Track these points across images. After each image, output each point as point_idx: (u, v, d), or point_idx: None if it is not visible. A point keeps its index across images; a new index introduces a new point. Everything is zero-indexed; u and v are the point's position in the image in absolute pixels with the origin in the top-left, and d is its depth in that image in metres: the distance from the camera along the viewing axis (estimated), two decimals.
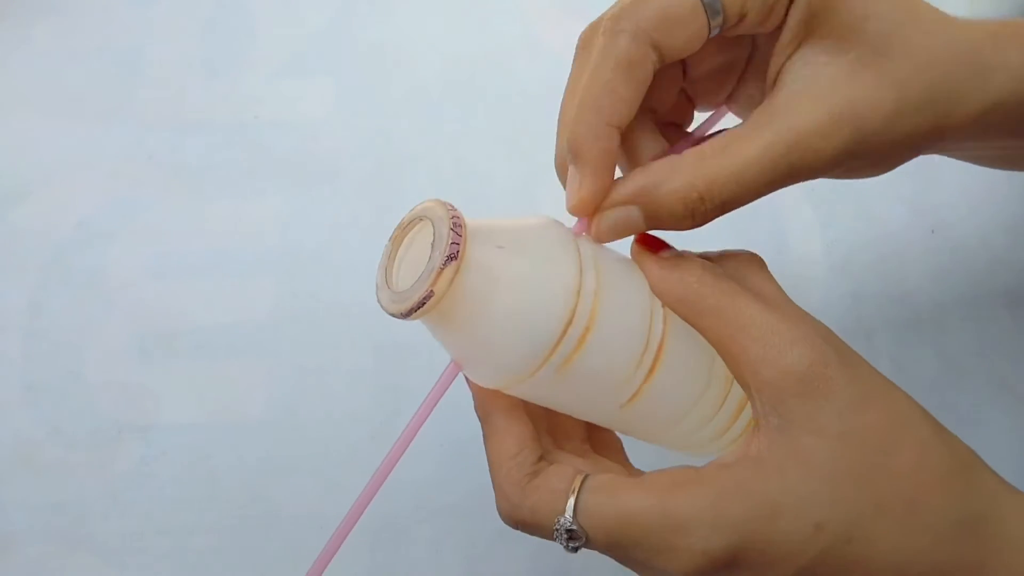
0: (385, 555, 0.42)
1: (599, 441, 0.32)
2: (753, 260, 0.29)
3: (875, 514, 0.24)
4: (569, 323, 0.26)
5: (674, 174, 0.27)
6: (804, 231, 0.48)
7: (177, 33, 0.54)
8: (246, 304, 0.46)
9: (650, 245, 0.29)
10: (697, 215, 0.27)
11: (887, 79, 0.27)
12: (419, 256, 0.26)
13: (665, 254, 0.28)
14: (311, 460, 0.44)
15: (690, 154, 0.27)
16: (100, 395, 0.45)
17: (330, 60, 0.53)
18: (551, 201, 0.48)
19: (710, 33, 0.27)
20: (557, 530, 0.26)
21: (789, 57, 0.28)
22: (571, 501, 0.26)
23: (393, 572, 0.42)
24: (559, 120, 0.30)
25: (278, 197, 0.49)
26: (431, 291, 0.25)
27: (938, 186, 0.49)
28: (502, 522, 0.29)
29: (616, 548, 0.26)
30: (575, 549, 0.27)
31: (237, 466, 0.43)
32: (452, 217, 0.26)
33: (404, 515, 0.42)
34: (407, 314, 0.26)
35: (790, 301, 0.28)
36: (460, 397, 0.45)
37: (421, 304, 0.25)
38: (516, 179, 0.49)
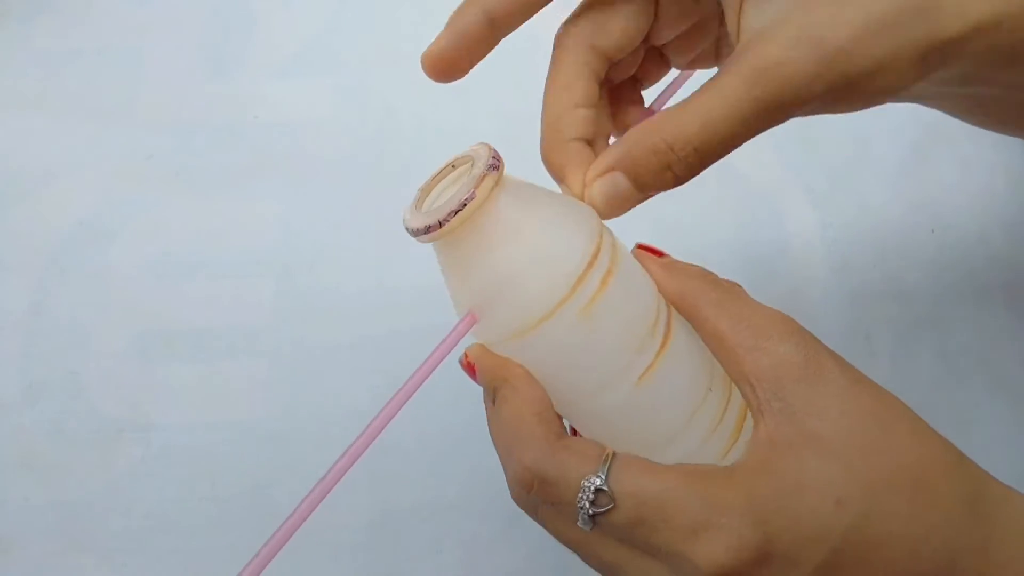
0: (385, 554, 0.42)
1: None
2: (734, 282, 0.30)
3: (887, 490, 0.25)
4: (595, 257, 0.27)
5: (644, 132, 0.28)
6: (804, 231, 0.48)
7: (177, 33, 0.54)
8: (246, 304, 0.46)
9: (650, 251, 0.30)
10: (674, 166, 0.28)
11: None
12: (451, 196, 0.27)
13: (665, 260, 0.30)
14: (311, 460, 0.44)
15: (664, 112, 0.28)
16: (100, 395, 0.45)
17: (330, 60, 0.53)
18: None
19: (649, 21, 0.28)
20: (584, 490, 0.25)
21: (743, 3, 0.28)
22: (604, 467, 0.25)
23: (393, 572, 0.42)
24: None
25: (278, 197, 0.49)
26: (473, 193, 0.25)
27: (938, 186, 0.49)
28: (501, 520, 0.28)
29: (641, 525, 0.25)
30: (592, 518, 0.25)
31: (237, 466, 0.43)
32: (491, 148, 0.27)
33: (404, 514, 0.42)
34: (445, 219, 0.26)
35: (773, 308, 0.29)
36: (460, 396, 0.45)
37: (462, 207, 0.25)
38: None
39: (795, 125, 0.43)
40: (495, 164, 0.27)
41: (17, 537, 0.42)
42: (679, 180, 0.28)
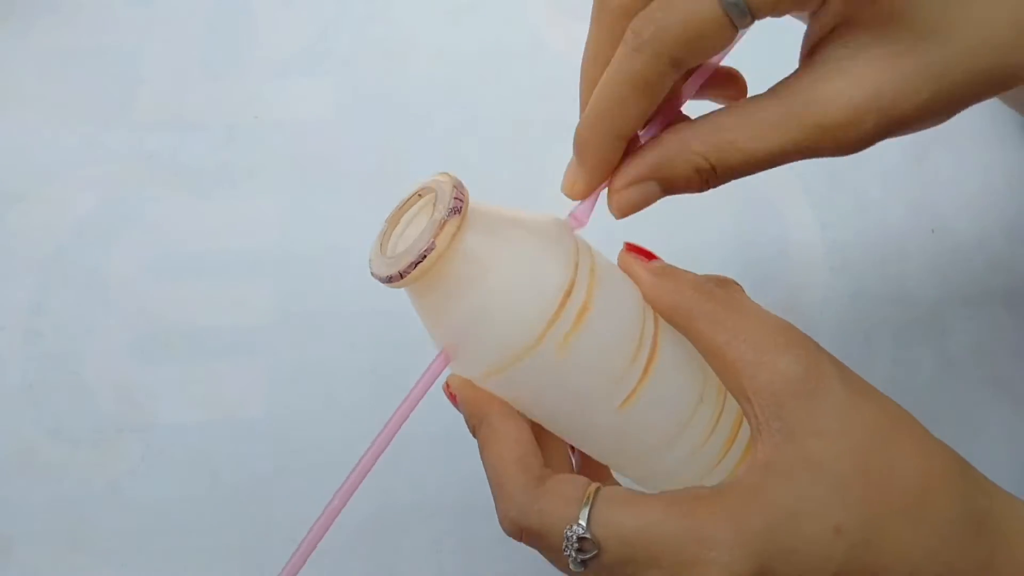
0: (385, 555, 0.42)
1: (591, 473, 0.31)
2: (731, 282, 0.29)
3: (887, 512, 0.24)
4: (568, 293, 0.26)
5: (685, 146, 0.27)
6: (804, 231, 0.48)
7: (177, 33, 0.54)
8: (246, 304, 0.46)
9: (639, 253, 0.29)
10: (710, 182, 0.27)
11: (925, 67, 0.25)
12: (416, 231, 0.26)
13: (655, 264, 0.29)
14: (311, 460, 0.44)
15: (703, 123, 0.27)
16: (100, 395, 0.45)
17: (330, 60, 0.53)
18: (552, 202, 0.48)
19: (736, 37, 0.26)
20: (568, 539, 0.25)
21: (826, 35, 0.27)
22: (586, 509, 0.25)
23: (393, 572, 0.42)
24: (580, 87, 0.30)
25: (278, 197, 0.49)
26: (433, 243, 0.24)
27: (938, 186, 0.49)
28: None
29: (630, 564, 0.24)
30: (583, 564, 0.25)
31: (237, 466, 0.43)
32: (454, 182, 0.26)
33: (404, 515, 0.42)
34: (406, 271, 0.25)
35: (773, 314, 0.28)
36: None
37: (421, 259, 0.24)
38: (517, 179, 0.49)
39: None
40: (457, 207, 0.25)
41: (17, 537, 0.42)
42: (703, 190, 0.28)
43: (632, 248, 0.29)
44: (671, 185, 0.28)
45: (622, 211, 0.28)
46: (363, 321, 0.46)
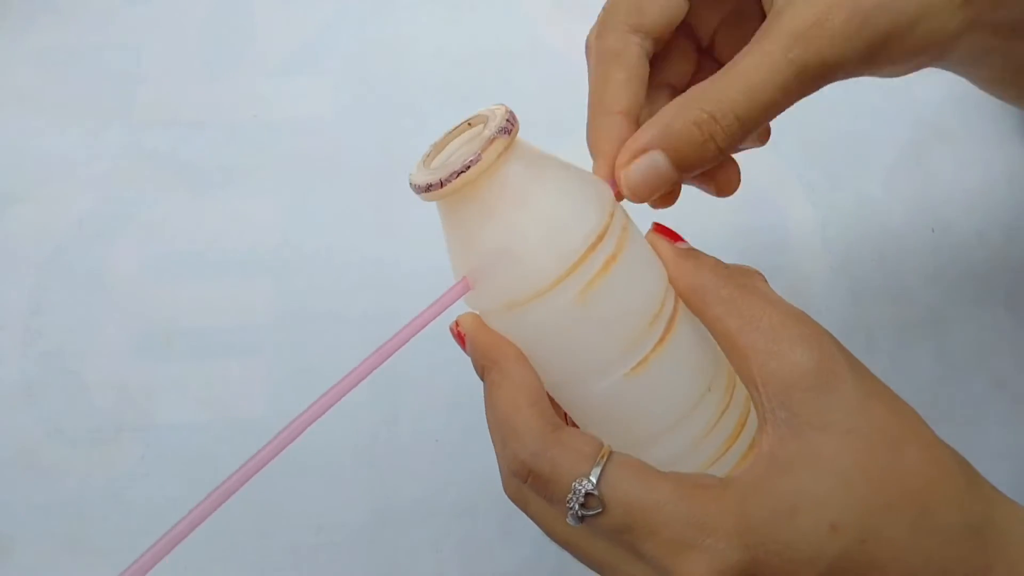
0: (385, 555, 0.42)
1: None
2: (756, 272, 0.29)
3: (886, 513, 0.24)
4: (600, 238, 0.26)
5: (682, 106, 0.27)
6: (804, 231, 0.48)
7: (176, 33, 0.54)
8: (245, 304, 0.46)
9: (666, 234, 0.29)
10: (717, 137, 0.27)
11: None
12: (459, 155, 0.26)
13: (681, 245, 0.29)
14: (311, 460, 0.44)
15: (699, 84, 0.27)
16: (100, 395, 0.45)
17: (330, 59, 0.53)
18: None
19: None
20: (574, 491, 0.25)
21: None
22: (598, 468, 0.25)
23: (393, 572, 0.42)
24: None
25: (277, 196, 0.49)
26: (479, 155, 0.24)
27: (938, 186, 0.49)
28: (501, 521, 0.28)
29: (629, 532, 0.24)
30: (581, 519, 0.25)
31: (236, 465, 0.43)
32: (508, 109, 0.26)
33: (404, 515, 0.42)
34: (447, 179, 0.25)
35: (793, 305, 0.28)
36: (461, 396, 0.45)
37: (466, 168, 0.24)
38: None
39: (795, 125, 0.43)
40: (507, 128, 0.25)
41: (17, 537, 0.42)
42: (720, 153, 0.27)
43: (660, 228, 0.29)
44: (677, 151, 0.27)
45: (633, 190, 0.28)
46: (363, 321, 0.46)
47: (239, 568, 0.42)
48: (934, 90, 0.51)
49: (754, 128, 0.27)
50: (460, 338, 0.29)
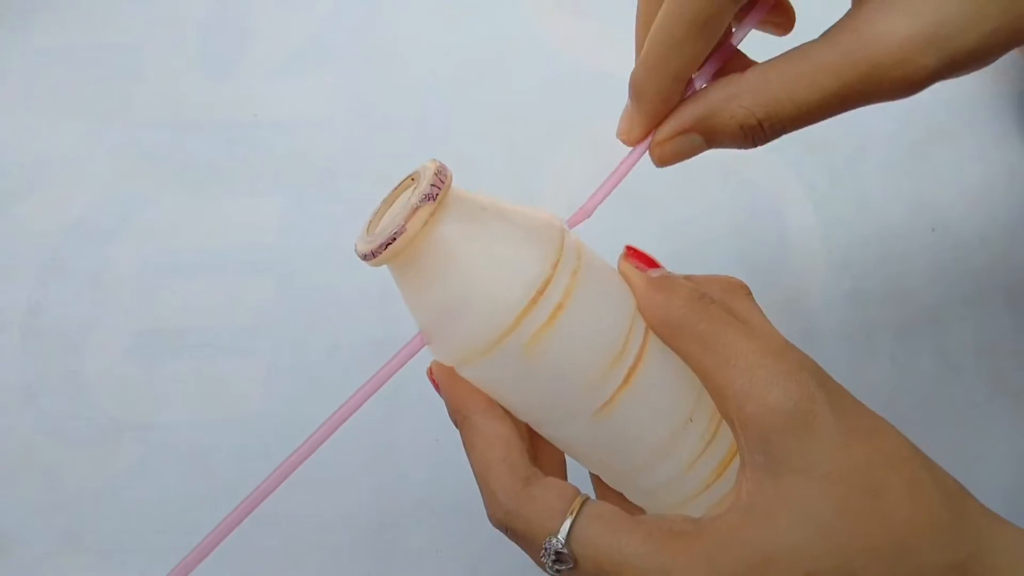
0: (385, 555, 0.42)
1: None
2: (739, 287, 0.28)
3: (865, 558, 0.23)
4: (541, 292, 0.25)
5: (732, 100, 0.26)
6: (804, 231, 0.48)
7: (176, 32, 0.54)
8: (246, 303, 0.46)
9: (639, 260, 0.28)
10: (757, 139, 0.27)
11: None
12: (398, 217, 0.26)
13: (654, 273, 0.27)
14: (310, 460, 0.43)
15: (752, 76, 0.26)
16: (99, 394, 0.45)
17: (330, 59, 0.53)
18: (552, 200, 0.48)
19: None
20: (546, 549, 0.25)
21: None
22: (567, 523, 0.25)
23: (393, 572, 0.42)
24: (635, 30, 0.30)
25: (278, 197, 0.49)
26: (403, 227, 0.24)
27: (938, 186, 0.49)
28: None
29: None
30: (558, 572, 0.25)
31: (236, 465, 0.43)
32: (438, 168, 0.26)
33: (404, 515, 0.42)
34: (377, 251, 0.25)
35: (776, 332, 0.27)
36: None
37: (391, 240, 0.24)
38: (516, 178, 0.49)
39: None
40: (432, 194, 0.25)
41: (17, 537, 0.42)
42: (752, 147, 0.27)
43: (633, 254, 0.28)
44: (714, 138, 0.27)
45: (664, 161, 0.28)
46: (363, 320, 0.46)
47: (239, 568, 0.42)
48: (934, 90, 0.51)
49: (793, 131, 0.27)
50: (436, 385, 0.29)
